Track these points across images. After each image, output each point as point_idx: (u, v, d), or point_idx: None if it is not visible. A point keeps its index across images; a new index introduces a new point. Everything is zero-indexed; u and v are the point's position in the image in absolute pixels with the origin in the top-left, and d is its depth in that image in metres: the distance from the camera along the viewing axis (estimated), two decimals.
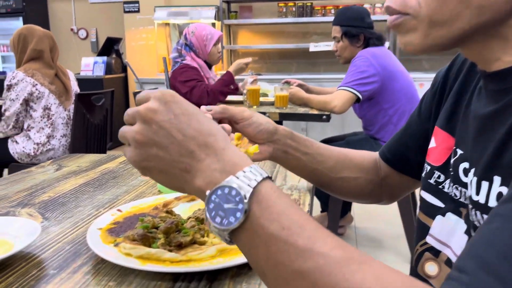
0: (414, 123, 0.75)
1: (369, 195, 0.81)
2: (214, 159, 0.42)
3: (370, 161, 0.81)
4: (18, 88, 2.32)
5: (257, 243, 0.39)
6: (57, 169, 1.04)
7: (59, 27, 6.40)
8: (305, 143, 0.75)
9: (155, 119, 0.43)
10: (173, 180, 0.45)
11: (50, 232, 0.66)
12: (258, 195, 0.39)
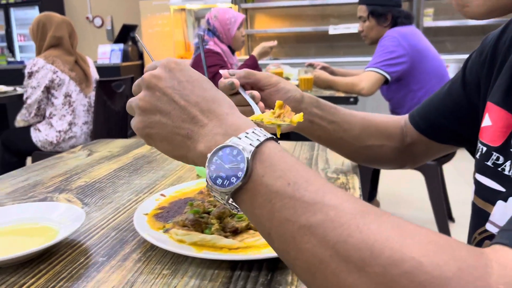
0: (456, 93, 0.71)
1: (393, 161, 0.80)
2: (216, 123, 0.41)
3: (395, 127, 0.79)
4: (39, 75, 2.31)
5: (260, 203, 0.36)
6: (89, 154, 1.01)
7: (74, 15, 6.40)
8: (331, 110, 0.73)
9: (158, 86, 0.43)
10: (175, 147, 0.43)
11: (92, 218, 0.63)
12: (261, 155, 0.37)
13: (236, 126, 0.40)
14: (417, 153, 0.79)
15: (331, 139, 0.74)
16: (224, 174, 0.37)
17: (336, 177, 0.78)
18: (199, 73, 0.44)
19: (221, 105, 0.42)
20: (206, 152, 0.39)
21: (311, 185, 0.35)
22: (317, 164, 0.86)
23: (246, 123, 0.41)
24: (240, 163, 0.36)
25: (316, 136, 0.74)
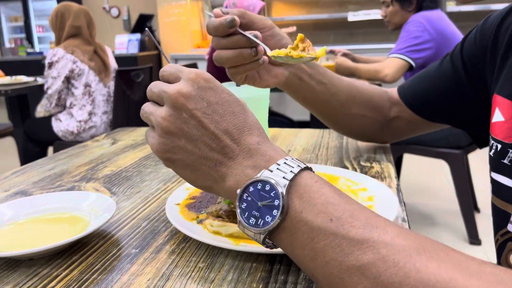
0: (451, 73, 0.69)
1: (373, 134, 0.81)
2: (247, 155, 0.37)
3: (380, 99, 0.78)
4: (59, 65, 2.31)
5: (301, 241, 0.33)
6: (113, 143, 1.00)
7: (91, 6, 6.41)
8: (320, 70, 0.70)
9: (186, 106, 0.38)
10: (200, 178, 0.40)
11: (122, 207, 0.61)
12: (297, 187, 0.34)
13: (268, 157, 0.37)
14: (399, 128, 0.79)
15: (317, 102, 0.72)
16: (258, 212, 0.35)
17: (370, 165, 0.74)
18: (230, 92, 0.40)
19: (252, 133, 0.39)
20: (235, 187, 0.37)
21: (356, 219, 0.32)
22: (348, 152, 0.83)
23: (277, 152, 0.38)
24: (274, 199, 0.34)
25: (302, 96, 0.71)
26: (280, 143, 0.94)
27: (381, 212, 0.51)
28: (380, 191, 0.57)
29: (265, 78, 0.64)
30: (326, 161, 0.79)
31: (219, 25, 0.54)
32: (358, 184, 0.60)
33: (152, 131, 0.41)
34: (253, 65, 0.58)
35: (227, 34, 0.55)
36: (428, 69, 0.75)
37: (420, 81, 0.75)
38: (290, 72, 0.66)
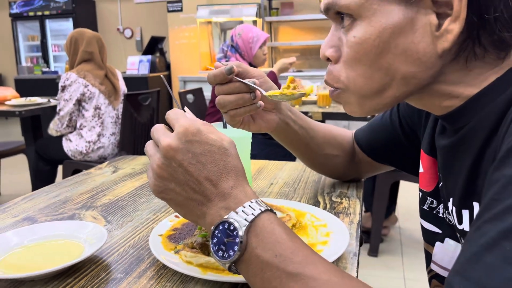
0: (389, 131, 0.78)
1: (343, 171, 0.89)
2: (222, 198, 0.46)
3: (348, 141, 0.87)
4: (72, 89, 2.44)
5: (254, 271, 0.43)
6: (114, 171, 1.10)
7: (106, 27, 6.65)
8: (300, 116, 0.79)
9: (175, 158, 0.47)
10: (187, 213, 0.49)
11: (114, 235, 0.70)
12: (255, 228, 0.43)
13: (238, 200, 0.46)
14: (363, 168, 0.88)
15: (300, 144, 0.80)
16: (224, 247, 0.44)
17: (340, 201, 0.83)
18: (214, 141, 0.48)
19: (229, 178, 0.47)
20: (211, 224, 0.46)
21: (295, 256, 0.42)
22: (323, 187, 0.91)
23: (247, 195, 0.46)
24: (236, 237, 0.43)
25: (289, 140, 0.79)
26: (265, 175, 1.03)
27: (332, 247, 0.59)
28: (337, 228, 0.65)
29: (258, 123, 0.73)
30: (302, 195, 0.87)
31: (219, 73, 0.65)
32: (320, 220, 0.69)
33: (150, 173, 0.50)
34: (251, 108, 0.68)
35: (225, 81, 0.66)
36: (374, 120, 0.84)
37: (368, 130, 0.84)
38: (280, 117, 0.75)
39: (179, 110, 0.51)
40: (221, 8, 4.92)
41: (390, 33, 0.46)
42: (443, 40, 0.45)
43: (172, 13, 5.34)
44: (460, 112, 0.50)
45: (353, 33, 0.48)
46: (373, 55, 0.47)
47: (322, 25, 4.93)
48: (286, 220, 0.67)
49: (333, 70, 0.52)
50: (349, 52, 0.49)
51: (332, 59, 0.52)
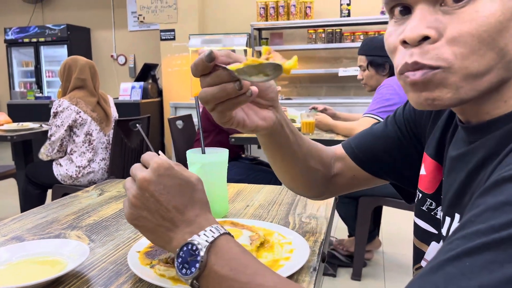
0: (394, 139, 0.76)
1: (318, 189, 0.82)
2: (187, 224, 0.53)
3: (327, 156, 0.81)
4: (64, 115, 2.51)
5: (213, 285, 0.50)
6: (100, 194, 1.15)
7: (100, 53, 6.78)
8: (289, 120, 0.72)
9: (149, 189, 0.54)
10: (157, 239, 0.56)
11: (96, 253, 0.76)
12: (214, 248, 0.51)
13: (201, 225, 0.53)
14: (339, 184, 0.83)
15: (288, 152, 0.72)
16: (187, 265, 0.51)
17: (308, 222, 0.89)
18: (183, 176, 0.55)
19: (194, 208, 0.55)
20: (176, 247, 0.53)
21: (247, 269, 0.49)
22: (295, 209, 0.98)
23: (208, 222, 0.54)
24: (197, 256, 0.50)
25: (278, 145, 0.70)
26: (242, 198, 1.09)
27: (293, 262, 0.65)
28: (300, 245, 0.71)
29: (254, 120, 0.63)
30: (275, 216, 0.94)
31: (199, 61, 0.55)
32: (286, 239, 0.75)
33: (126, 202, 0.57)
34: (240, 100, 0.57)
35: (208, 70, 0.55)
36: (375, 129, 0.81)
37: (367, 140, 0.80)
38: (277, 116, 0.65)
39: (153, 153, 0.59)
40: (213, 37, 5.07)
41: (511, 13, 0.46)
42: None
43: (165, 41, 5.48)
44: (487, 125, 0.51)
45: (475, 8, 0.46)
46: (495, 32, 0.46)
47: (311, 54, 5.09)
48: (255, 238, 0.73)
49: (433, 48, 0.48)
50: (466, 27, 0.46)
51: (432, 38, 0.48)
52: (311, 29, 4.78)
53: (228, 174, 0.99)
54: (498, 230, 0.36)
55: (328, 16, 4.78)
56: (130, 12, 6.46)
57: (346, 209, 2.37)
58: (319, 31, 4.75)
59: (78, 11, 6.71)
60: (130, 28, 6.54)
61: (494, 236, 0.36)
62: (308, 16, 4.77)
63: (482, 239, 0.37)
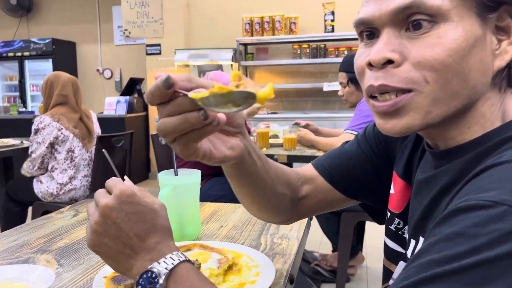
0: (367, 157, 0.75)
1: (286, 214, 0.77)
2: (147, 251, 0.54)
3: (294, 179, 0.76)
4: (45, 132, 2.49)
5: None
6: (74, 215, 1.15)
7: (85, 67, 6.76)
8: (255, 145, 0.66)
9: (110, 216, 0.54)
10: (117, 265, 0.56)
11: (63, 278, 0.76)
12: (174, 275, 0.51)
13: (161, 253, 0.53)
14: (307, 207, 0.78)
15: (257, 179, 0.66)
16: None
17: (280, 243, 0.90)
18: (146, 202, 0.56)
19: (156, 235, 0.55)
20: (137, 274, 0.53)
21: None
22: (268, 229, 0.99)
23: (169, 249, 0.54)
24: (156, 284, 0.50)
25: (247, 172, 0.64)
26: (217, 218, 1.09)
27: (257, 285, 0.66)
28: (267, 268, 0.72)
29: (221, 150, 0.57)
30: (247, 237, 0.94)
31: (155, 88, 0.47)
32: (254, 261, 0.76)
33: (88, 229, 0.57)
34: (206, 131, 0.50)
35: (167, 98, 0.48)
36: (347, 147, 0.78)
37: (340, 159, 0.77)
38: (244, 143, 0.59)
39: (117, 178, 0.59)
40: (199, 52, 5.10)
41: (474, 40, 0.48)
42: (500, 59, 0.50)
43: (151, 56, 5.49)
44: (453, 151, 0.53)
45: (438, 34, 0.48)
46: (459, 57, 0.47)
47: (296, 69, 5.14)
48: (223, 261, 0.74)
49: (399, 71, 0.49)
50: (431, 53, 0.48)
51: (396, 61, 0.49)
52: (296, 45, 4.84)
53: (210, 191, 0.99)
54: (450, 261, 0.38)
55: (312, 31, 4.85)
56: (117, 26, 6.47)
57: (329, 225, 2.39)
58: (303, 46, 4.81)
59: (63, 25, 6.70)
60: (116, 42, 6.54)
61: (446, 267, 0.38)
62: (293, 31, 4.83)
63: (435, 270, 0.38)
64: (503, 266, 0.36)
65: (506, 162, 0.43)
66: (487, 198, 0.39)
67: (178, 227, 0.91)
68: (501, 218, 0.37)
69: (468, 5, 0.48)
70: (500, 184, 0.40)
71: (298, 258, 0.86)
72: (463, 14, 0.48)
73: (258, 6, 5.04)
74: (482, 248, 0.37)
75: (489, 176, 0.43)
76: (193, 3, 5.45)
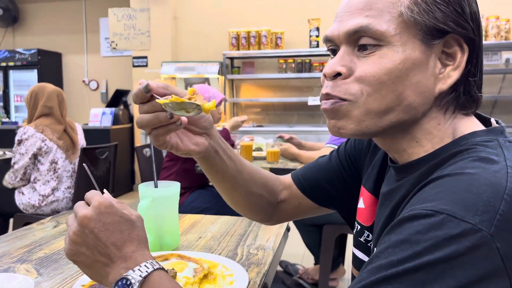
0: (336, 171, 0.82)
1: (264, 213, 0.86)
2: (123, 260, 0.56)
3: (274, 183, 0.86)
4: (28, 143, 2.48)
5: None
6: (55, 226, 1.16)
7: (71, 78, 6.74)
8: (230, 148, 0.77)
9: (88, 225, 0.57)
10: (94, 274, 0.59)
11: (43, 287, 0.77)
12: (148, 282, 0.54)
13: (137, 261, 0.56)
14: (286, 211, 0.87)
15: (226, 177, 0.76)
16: None
17: (256, 253, 0.93)
18: (123, 213, 0.59)
19: (132, 244, 0.58)
20: (112, 282, 0.56)
21: None
22: (246, 240, 1.02)
23: (144, 258, 0.57)
24: None
25: (215, 169, 0.75)
26: (197, 229, 1.12)
27: None
28: (241, 277, 0.75)
29: (187, 144, 0.69)
30: (224, 248, 0.97)
31: (138, 92, 0.63)
32: (229, 270, 0.79)
33: (67, 239, 0.60)
34: (171, 128, 0.64)
35: (146, 99, 0.63)
36: (320, 161, 0.86)
37: (312, 171, 0.85)
38: (210, 143, 0.71)
39: (96, 191, 0.62)
40: (185, 65, 5.14)
41: (411, 63, 0.54)
42: (443, 82, 0.55)
43: (137, 68, 5.51)
44: (411, 165, 0.58)
45: (380, 55, 0.54)
46: (393, 77, 0.54)
47: (282, 83, 5.21)
48: (199, 270, 0.77)
49: (343, 83, 0.56)
50: (369, 70, 0.55)
51: (343, 75, 0.56)
52: (282, 59, 4.92)
53: (194, 203, 1.02)
54: (396, 265, 0.42)
55: (298, 46, 4.94)
56: (104, 38, 6.49)
57: (310, 237, 2.42)
58: (289, 61, 4.89)
59: (50, 36, 6.69)
60: (102, 54, 6.55)
61: (392, 271, 0.42)
62: (278, 46, 4.91)
63: (383, 273, 0.42)
64: (443, 269, 0.40)
65: (447, 176, 0.47)
66: (428, 208, 0.43)
67: (156, 237, 0.93)
68: (440, 226, 0.41)
69: (412, 32, 0.54)
70: (441, 195, 0.44)
71: (273, 268, 0.89)
72: (406, 40, 0.54)
73: (245, 20, 5.13)
74: (423, 252, 0.41)
75: (432, 188, 0.47)
76: (180, 16, 5.51)
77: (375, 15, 0.55)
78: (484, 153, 0.50)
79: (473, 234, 0.41)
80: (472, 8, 0.56)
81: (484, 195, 0.43)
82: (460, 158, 0.51)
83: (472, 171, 0.46)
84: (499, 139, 0.54)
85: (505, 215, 0.42)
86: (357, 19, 0.56)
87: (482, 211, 0.42)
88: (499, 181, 0.44)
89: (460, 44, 0.55)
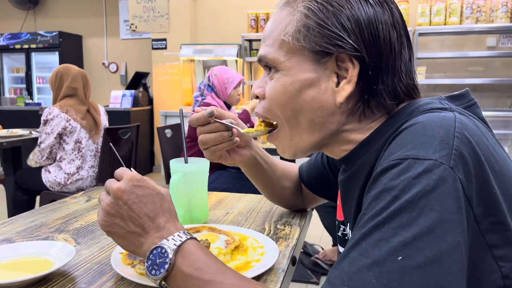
0: (322, 169, 0.94)
1: (293, 203, 1.04)
2: (157, 230, 0.60)
3: (297, 174, 1.01)
4: (53, 123, 2.55)
5: (180, 284, 0.56)
6: (87, 200, 1.21)
7: (91, 61, 6.82)
8: (265, 153, 0.93)
9: (122, 197, 0.61)
10: (128, 244, 0.62)
11: (82, 254, 0.81)
12: (182, 250, 0.57)
13: (170, 231, 0.59)
14: (305, 198, 1.03)
15: (264, 177, 0.94)
16: (156, 266, 0.57)
17: (283, 228, 0.95)
18: (154, 187, 0.63)
19: (164, 215, 0.61)
20: (146, 251, 0.59)
21: (210, 268, 0.55)
22: (272, 216, 1.04)
23: (177, 228, 0.60)
24: (166, 258, 0.56)
25: (255, 172, 0.93)
26: (223, 206, 1.15)
27: (262, 263, 0.72)
28: (272, 249, 0.78)
29: (233, 157, 0.87)
30: (252, 223, 1.00)
31: (201, 117, 0.78)
32: (259, 243, 0.81)
33: (100, 211, 0.64)
34: (228, 144, 0.81)
35: (206, 123, 0.79)
36: (313, 158, 0.99)
37: (307, 166, 1.00)
38: (251, 152, 0.88)
39: (125, 168, 0.66)
40: (204, 47, 5.14)
41: (301, 84, 0.62)
42: (339, 95, 0.61)
43: (157, 50, 5.54)
44: (352, 154, 0.65)
45: (275, 78, 0.64)
46: (287, 97, 0.63)
47: None
48: (230, 242, 0.79)
49: (262, 103, 0.68)
50: (270, 92, 0.65)
51: (260, 96, 0.68)
52: None
53: (214, 183, 1.06)
54: (380, 213, 0.46)
55: None
56: (123, 21, 6.52)
57: (329, 219, 2.44)
58: None
59: (70, 19, 6.75)
60: (122, 36, 6.59)
61: (378, 219, 0.46)
62: None
63: (371, 223, 0.46)
64: (422, 205, 0.44)
65: (403, 130, 0.53)
66: (394, 158, 0.49)
67: (187, 211, 0.96)
68: (407, 169, 0.47)
69: (301, 56, 0.61)
70: (402, 146, 0.50)
71: (300, 243, 0.91)
72: (295, 64, 0.62)
73: (264, 2, 5.08)
74: (400, 195, 0.45)
75: (393, 144, 0.52)
76: None
77: (271, 44, 0.64)
78: (432, 106, 0.57)
79: (437, 167, 0.45)
80: (359, 21, 0.58)
81: (438, 135, 0.48)
82: (411, 116, 0.57)
83: (423, 119, 0.52)
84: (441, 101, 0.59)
85: (459, 149, 0.47)
86: (262, 48, 0.66)
87: (439, 149, 0.47)
88: (448, 123, 0.50)
89: (351, 59, 0.59)
